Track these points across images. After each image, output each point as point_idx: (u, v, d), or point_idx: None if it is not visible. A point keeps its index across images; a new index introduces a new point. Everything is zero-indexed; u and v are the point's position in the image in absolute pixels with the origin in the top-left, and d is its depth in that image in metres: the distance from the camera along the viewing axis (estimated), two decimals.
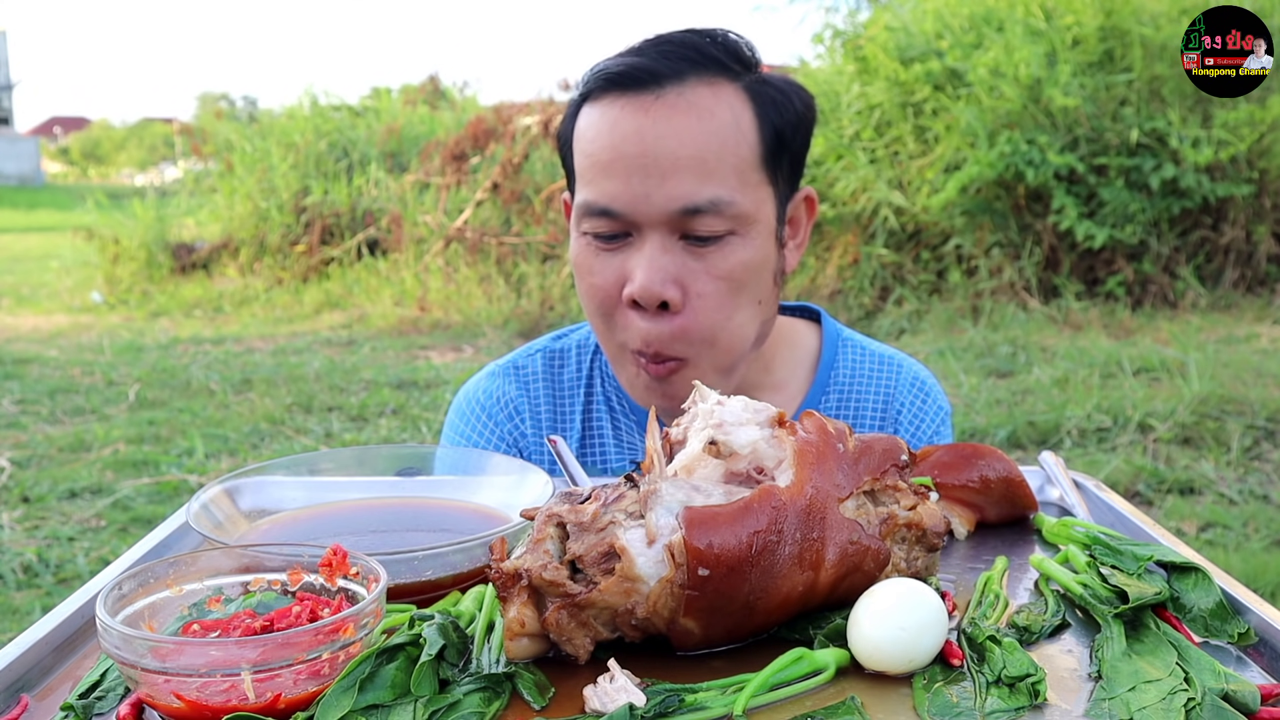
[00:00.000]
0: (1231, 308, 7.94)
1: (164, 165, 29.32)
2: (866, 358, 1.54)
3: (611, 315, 1.32)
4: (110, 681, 0.77)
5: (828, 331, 1.55)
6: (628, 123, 1.26)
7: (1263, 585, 3.54)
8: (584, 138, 1.31)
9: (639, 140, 1.25)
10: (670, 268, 1.26)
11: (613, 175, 1.26)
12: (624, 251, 1.29)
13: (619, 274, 1.29)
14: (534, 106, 10.01)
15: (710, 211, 1.25)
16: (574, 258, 1.35)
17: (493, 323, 8.63)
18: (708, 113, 1.26)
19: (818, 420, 0.89)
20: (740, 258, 1.28)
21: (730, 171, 1.26)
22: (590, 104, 1.31)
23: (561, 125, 1.38)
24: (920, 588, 0.80)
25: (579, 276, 1.35)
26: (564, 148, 1.37)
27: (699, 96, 1.26)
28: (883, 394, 1.52)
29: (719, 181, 1.25)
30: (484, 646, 0.80)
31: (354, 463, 1.15)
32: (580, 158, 1.31)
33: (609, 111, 1.28)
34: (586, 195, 1.29)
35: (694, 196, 1.24)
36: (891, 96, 8.64)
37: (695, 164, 1.24)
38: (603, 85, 1.29)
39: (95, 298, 10.56)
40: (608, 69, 1.29)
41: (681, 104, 1.25)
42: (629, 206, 1.25)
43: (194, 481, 4.82)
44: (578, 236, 1.33)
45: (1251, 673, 0.79)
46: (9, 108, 50.84)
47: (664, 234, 1.26)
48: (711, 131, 1.25)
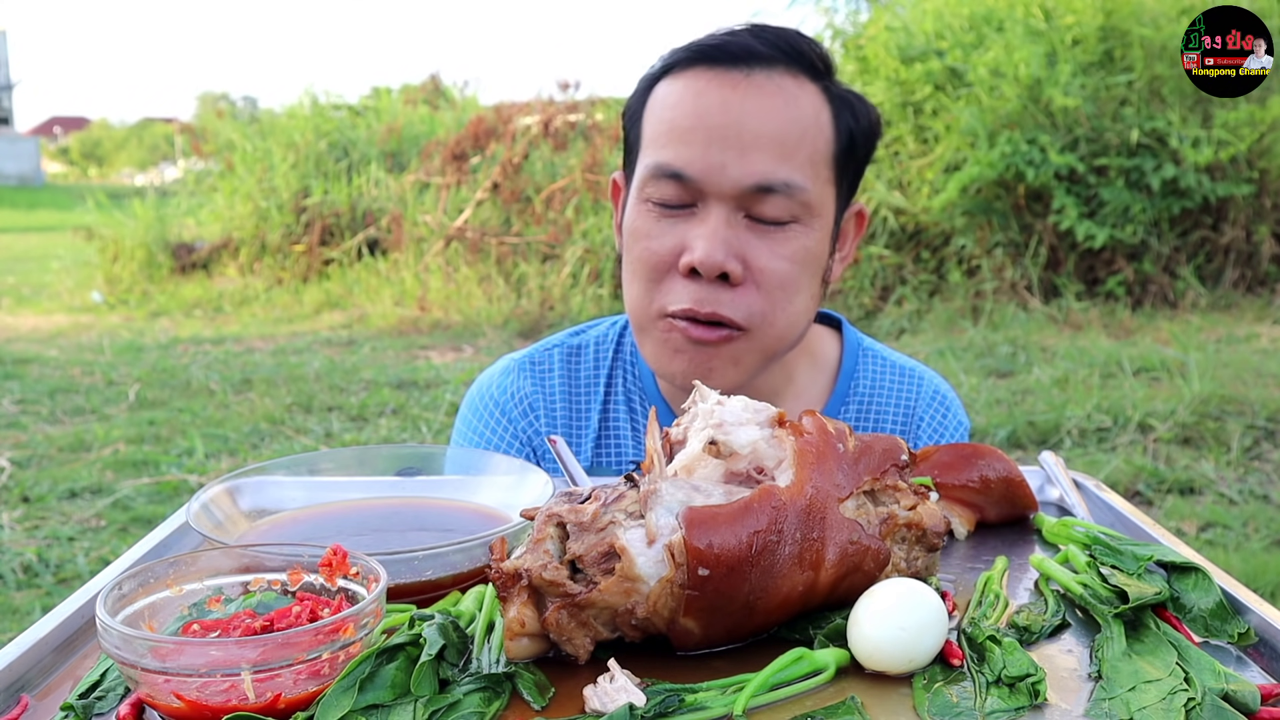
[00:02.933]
0: (1231, 308, 7.94)
1: (164, 165, 29.32)
2: (887, 369, 1.53)
3: (660, 282, 1.30)
4: (110, 681, 0.77)
5: (848, 340, 1.54)
6: (714, 94, 1.27)
7: (1263, 585, 3.54)
8: (663, 104, 1.31)
9: (724, 111, 1.26)
10: (734, 241, 1.26)
11: (691, 141, 1.27)
12: (685, 221, 1.28)
13: (678, 242, 1.28)
14: (534, 106, 10.01)
15: (781, 193, 1.26)
16: (630, 224, 1.33)
17: (493, 323, 8.63)
18: (793, 99, 1.28)
19: (818, 420, 0.89)
20: (802, 243, 1.29)
21: (805, 159, 1.28)
22: (673, 76, 1.32)
23: (631, 99, 1.38)
24: (920, 588, 0.80)
25: (632, 242, 1.33)
26: (630, 120, 1.37)
27: (785, 84, 1.28)
28: (903, 407, 1.51)
29: (794, 166, 1.27)
30: (484, 646, 0.80)
31: (354, 463, 1.15)
32: (656, 124, 1.31)
33: (695, 82, 1.29)
34: (659, 158, 1.29)
35: (769, 175, 1.25)
36: (891, 96, 8.64)
37: (775, 144, 1.26)
38: (692, 57, 1.30)
39: (95, 298, 10.56)
40: (699, 43, 1.31)
41: (769, 86, 1.28)
42: (703, 174, 1.26)
43: (194, 481, 4.82)
44: (638, 203, 1.32)
45: (1251, 673, 0.79)
46: (9, 108, 50.84)
47: (730, 208, 1.27)
48: (794, 117, 1.27)
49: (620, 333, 1.55)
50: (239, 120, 13.71)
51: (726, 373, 1.31)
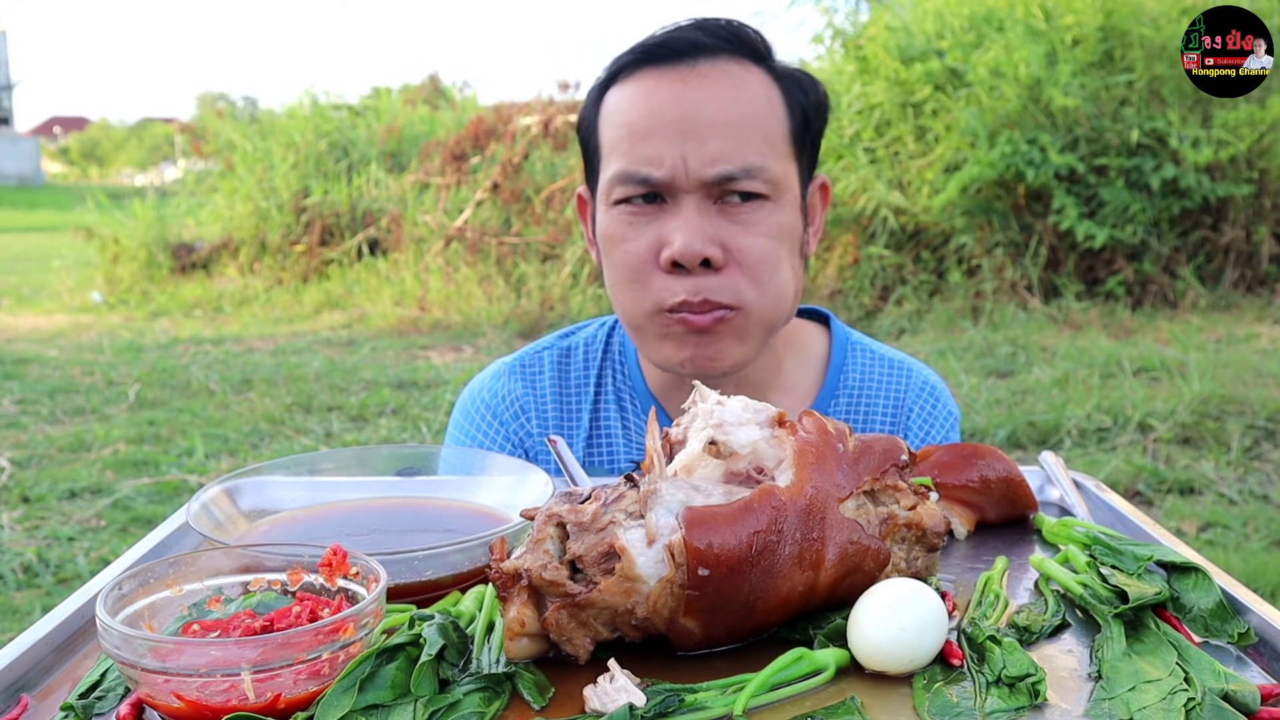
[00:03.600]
0: (1231, 308, 7.94)
1: (164, 165, 29.32)
2: (876, 361, 1.54)
3: (645, 281, 1.32)
4: (110, 681, 0.77)
5: (836, 335, 1.55)
6: (665, 91, 1.29)
7: (1263, 585, 3.54)
8: (617, 110, 1.33)
9: (677, 106, 1.28)
10: (709, 228, 1.28)
11: (651, 141, 1.28)
12: (658, 219, 1.30)
13: (654, 240, 1.30)
14: (534, 106, 10.01)
15: (746, 176, 1.28)
16: (604, 231, 1.35)
17: (493, 323, 8.63)
18: (742, 84, 1.31)
19: (818, 420, 0.89)
20: (774, 220, 1.31)
21: (763, 140, 1.30)
22: (622, 82, 1.34)
23: (583, 112, 1.40)
24: (920, 588, 0.80)
25: (610, 247, 1.34)
26: (586, 132, 1.39)
27: (732, 70, 1.31)
28: (893, 398, 1.52)
29: (754, 147, 1.29)
30: (484, 646, 0.80)
31: (354, 463, 1.15)
32: (613, 130, 1.33)
33: (645, 83, 1.31)
34: (623, 164, 1.30)
35: (732, 159, 1.27)
36: (891, 96, 8.64)
37: (732, 130, 1.28)
38: (638, 59, 1.32)
39: (95, 298, 10.56)
40: (644, 44, 1.33)
41: (716, 74, 1.30)
42: (669, 170, 1.28)
43: (194, 481, 4.82)
44: (607, 209, 1.34)
45: (1251, 673, 0.79)
46: (9, 108, 50.83)
47: (700, 198, 1.29)
48: (746, 100, 1.30)
49: (609, 333, 1.56)
50: (239, 120, 13.70)
51: (733, 351, 1.33)
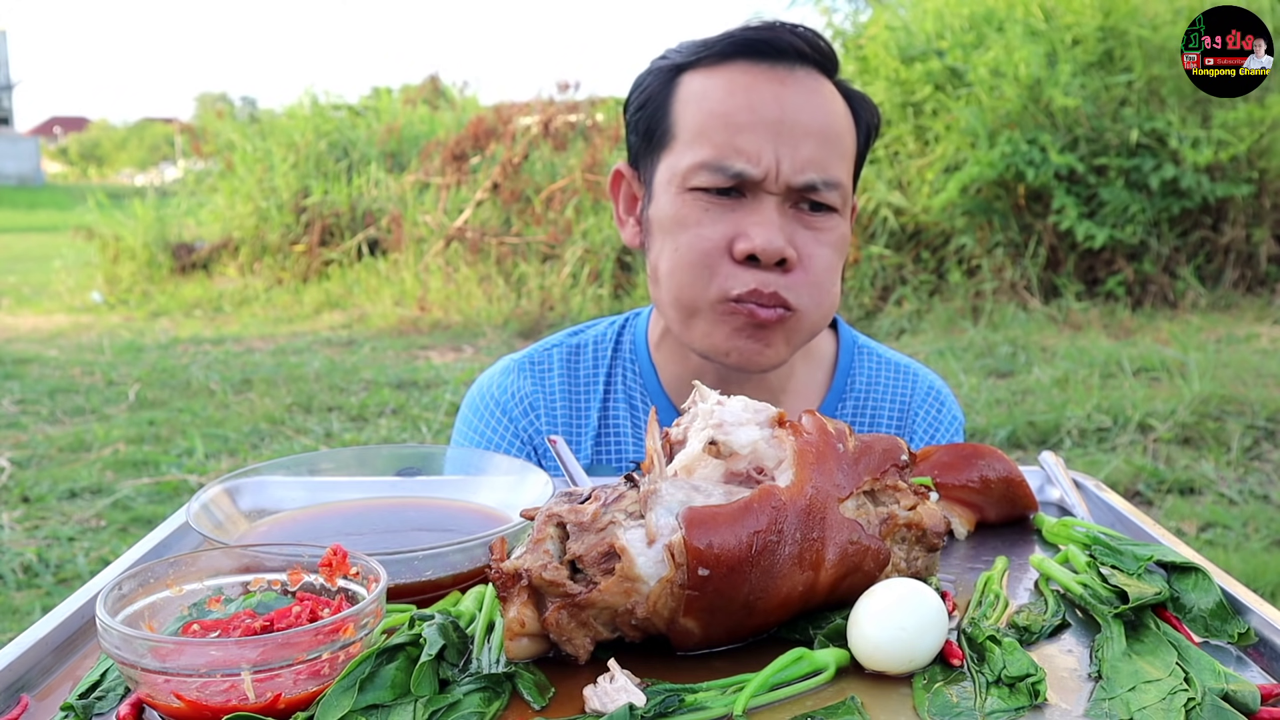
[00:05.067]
0: (1231, 308, 7.94)
1: (164, 165, 29.32)
2: (883, 366, 1.56)
3: (714, 268, 1.33)
4: (110, 681, 0.77)
5: (844, 338, 1.57)
6: (765, 89, 1.31)
7: (1263, 585, 3.54)
8: (707, 97, 1.33)
9: (778, 106, 1.30)
10: (787, 229, 1.31)
11: (747, 136, 1.30)
12: (734, 210, 1.32)
13: (730, 230, 1.31)
14: (534, 106, 10.01)
15: (826, 187, 1.32)
16: (672, 213, 1.34)
17: (493, 323, 8.63)
18: (830, 97, 1.34)
19: (818, 420, 0.89)
20: (840, 233, 1.36)
21: (842, 155, 1.35)
22: (709, 68, 1.34)
23: (647, 91, 1.39)
24: (920, 588, 0.80)
25: (678, 230, 1.34)
26: (654, 110, 1.38)
27: (820, 81, 1.34)
28: (899, 403, 1.54)
29: (837, 160, 1.33)
30: (484, 646, 0.80)
31: (354, 463, 1.15)
32: (700, 115, 1.33)
33: (740, 76, 1.32)
34: (711, 153, 1.31)
35: (821, 170, 1.31)
36: (891, 96, 8.64)
37: (822, 140, 1.31)
38: (732, 50, 1.33)
39: (95, 298, 10.56)
40: (740, 36, 1.34)
41: (810, 83, 1.33)
42: (760, 168, 1.30)
43: (194, 481, 4.82)
44: (680, 193, 1.34)
45: (1251, 673, 0.79)
46: (9, 108, 50.82)
47: (781, 199, 1.31)
48: (834, 113, 1.34)
49: (619, 331, 1.56)
50: (239, 120, 13.71)
51: (780, 349, 1.36)
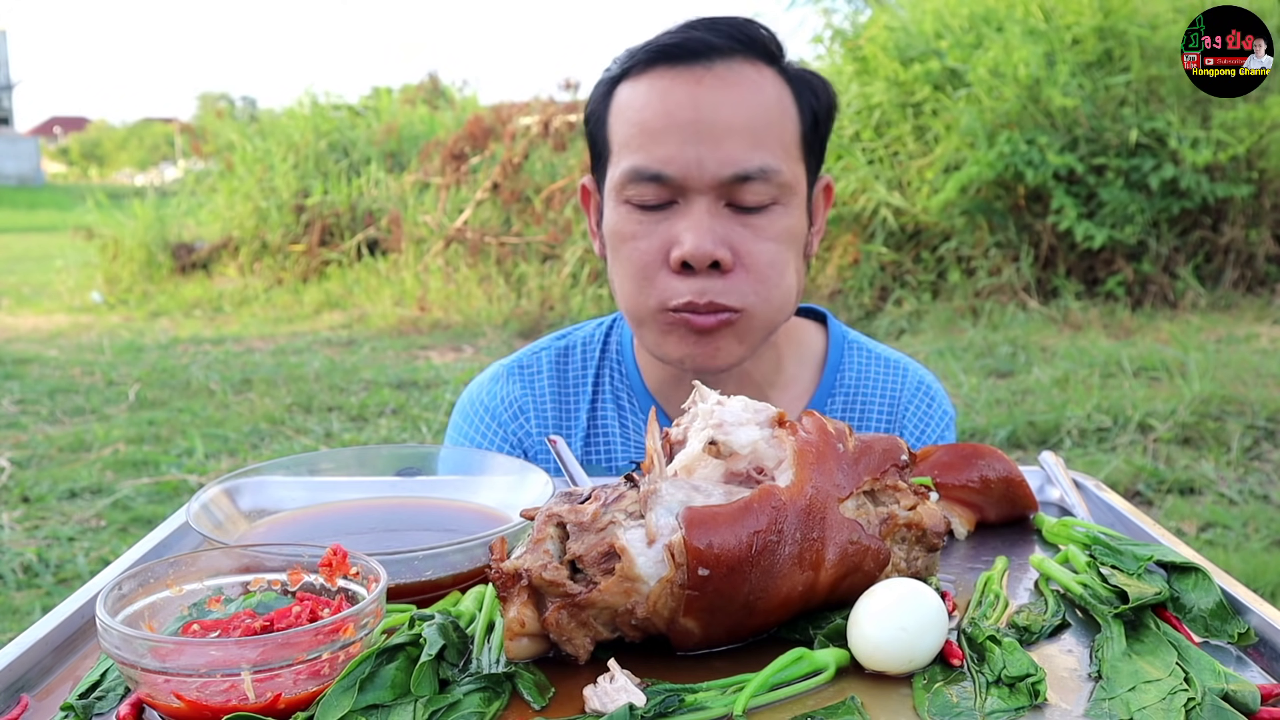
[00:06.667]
0: (1231, 308, 7.94)
1: (164, 165, 29.33)
2: (872, 361, 1.56)
3: (653, 278, 1.32)
4: (110, 681, 0.77)
5: (834, 333, 1.56)
6: (681, 91, 1.30)
7: (1263, 585, 3.54)
8: (630, 107, 1.33)
9: (693, 108, 1.28)
10: (719, 230, 1.29)
11: (665, 141, 1.29)
12: (669, 218, 1.31)
13: (664, 239, 1.31)
14: (534, 106, 10.01)
15: (759, 179, 1.29)
16: (612, 226, 1.35)
17: (493, 323, 8.63)
18: (756, 87, 1.31)
19: (818, 420, 0.89)
20: (784, 224, 1.33)
21: (776, 143, 1.31)
22: (635, 78, 1.34)
23: (591, 105, 1.40)
24: (920, 588, 0.80)
25: (618, 244, 1.35)
26: (594, 125, 1.39)
27: (746, 72, 1.31)
28: (889, 398, 1.53)
29: (767, 151, 1.30)
30: (484, 646, 0.80)
31: (354, 463, 1.15)
32: (625, 127, 1.33)
33: (659, 82, 1.31)
34: (635, 161, 1.31)
35: (746, 163, 1.28)
36: (891, 97, 8.64)
37: (746, 132, 1.29)
38: (652, 58, 1.33)
39: (95, 298, 10.56)
40: (659, 42, 1.33)
41: (732, 77, 1.30)
42: (681, 171, 1.28)
43: (194, 481, 4.82)
44: (617, 205, 1.34)
45: (1251, 673, 0.79)
46: (9, 108, 50.81)
47: (712, 200, 1.29)
48: (761, 104, 1.31)
49: (606, 332, 1.57)
50: (239, 120, 13.70)
51: (732, 350, 1.34)
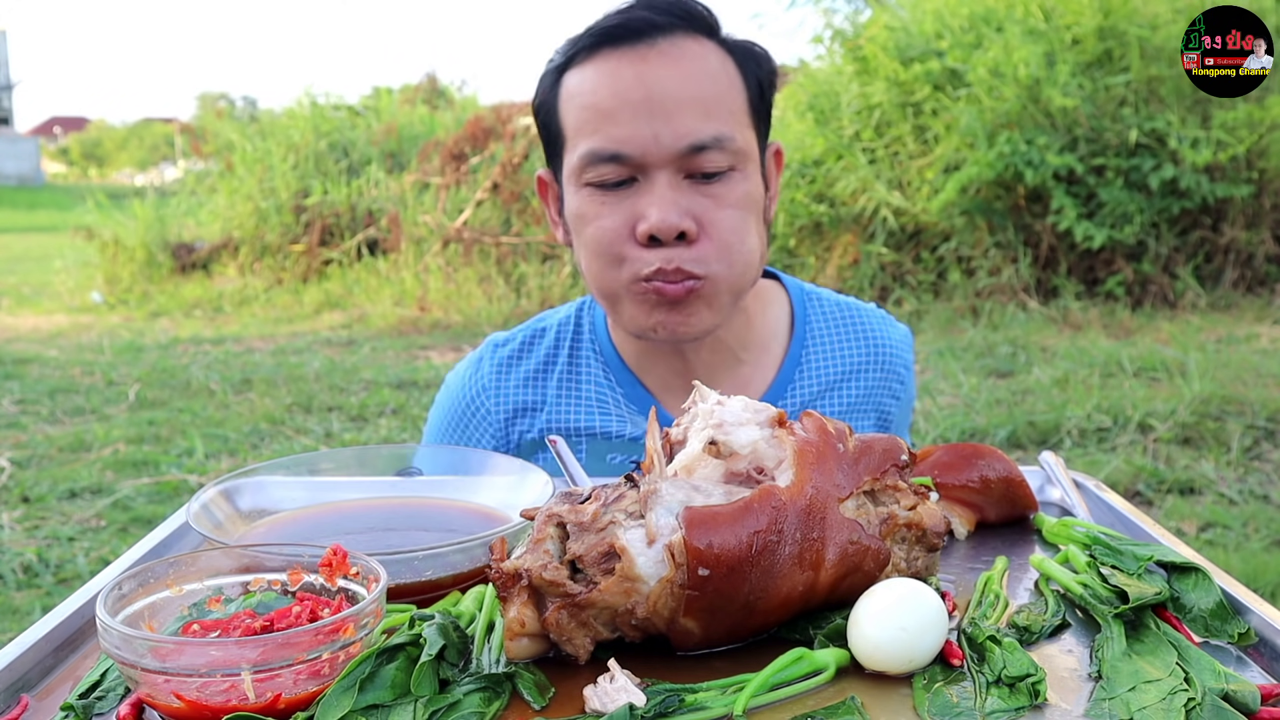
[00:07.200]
0: (1231, 308, 7.94)
1: (164, 165, 29.34)
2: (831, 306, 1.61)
3: (620, 255, 1.34)
4: (110, 681, 0.77)
5: (792, 289, 1.60)
6: (629, 71, 1.32)
7: (1263, 585, 3.54)
8: (580, 93, 1.35)
9: (641, 85, 1.30)
10: (683, 202, 1.31)
11: (619, 121, 1.31)
12: (631, 196, 1.33)
13: (628, 215, 1.33)
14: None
15: (714, 147, 1.31)
16: (575, 210, 1.37)
17: (493, 323, 8.63)
18: (700, 59, 1.34)
19: (818, 420, 0.89)
20: (742, 189, 1.35)
21: (726, 112, 1.33)
22: (581, 63, 1.36)
23: (540, 96, 1.42)
24: (920, 588, 0.80)
25: (582, 226, 1.36)
26: (545, 115, 1.41)
27: (690, 48, 1.34)
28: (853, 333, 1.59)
29: (719, 120, 1.32)
30: (484, 646, 0.80)
31: (354, 463, 1.15)
32: (577, 112, 1.35)
33: (605, 64, 1.33)
34: (592, 144, 1.32)
35: (700, 133, 1.30)
36: (891, 97, 8.63)
37: (697, 104, 1.31)
38: (596, 41, 1.35)
39: (95, 298, 10.56)
40: (601, 26, 1.35)
41: (676, 52, 1.33)
42: (639, 148, 1.30)
43: (194, 481, 4.82)
44: (578, 189, 1.36)
45: (1251, 673, 0.79)
46: (9, 108, 50.81)
47: (671, 173, 1.31)
48: (708, 75, 1.33)
49: (578, 314, 1.59)
50: (238, 120, 13.71)
51: (703, 316, 1.37)
